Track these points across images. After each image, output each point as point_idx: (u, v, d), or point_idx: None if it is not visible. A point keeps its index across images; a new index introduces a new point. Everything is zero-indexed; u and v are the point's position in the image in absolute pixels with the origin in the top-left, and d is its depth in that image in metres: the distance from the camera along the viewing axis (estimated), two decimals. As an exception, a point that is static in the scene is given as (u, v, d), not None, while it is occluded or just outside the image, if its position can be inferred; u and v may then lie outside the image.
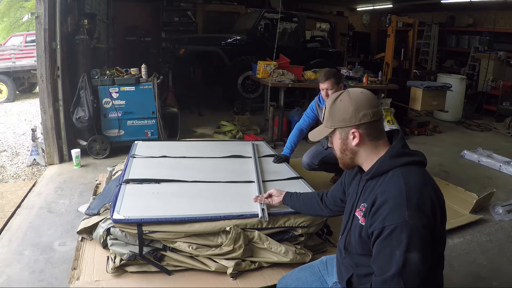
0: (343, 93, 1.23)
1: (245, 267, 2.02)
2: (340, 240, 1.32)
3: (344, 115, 1.19)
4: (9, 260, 2.17)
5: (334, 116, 1.22)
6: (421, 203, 1.03)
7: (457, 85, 6.15)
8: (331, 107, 1.23)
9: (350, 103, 1.19)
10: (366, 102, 1.19)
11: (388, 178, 1.12)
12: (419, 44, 8.98)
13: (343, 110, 1.20)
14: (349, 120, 1.18)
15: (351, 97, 1.20)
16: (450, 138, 5.64)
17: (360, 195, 1.23)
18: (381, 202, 1.07)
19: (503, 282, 2.25)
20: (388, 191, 1.08)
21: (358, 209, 1.20)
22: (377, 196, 1.10)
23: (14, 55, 7.86)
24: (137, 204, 2.07)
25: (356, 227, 1.18)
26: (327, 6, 10.46)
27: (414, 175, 1.10)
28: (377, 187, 1.13)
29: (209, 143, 3.55)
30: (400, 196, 1.04)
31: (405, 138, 1.24)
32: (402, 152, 1.17)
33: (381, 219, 1.05)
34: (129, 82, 3.98)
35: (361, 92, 1.22)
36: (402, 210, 1.02)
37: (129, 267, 1.97)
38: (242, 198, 2.23)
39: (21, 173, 3.73)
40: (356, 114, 1.17)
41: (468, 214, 2.99)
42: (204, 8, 8.42)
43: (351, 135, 1.19)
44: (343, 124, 1.20)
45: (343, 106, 1.20)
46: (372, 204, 1.10)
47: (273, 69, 4.90)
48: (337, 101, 1.22)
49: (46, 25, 3.49)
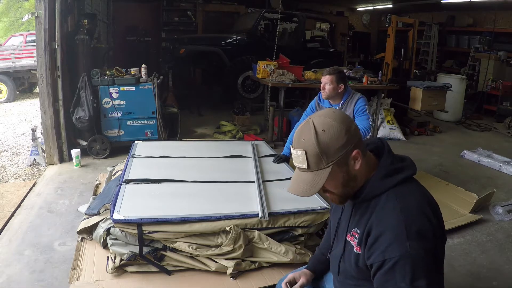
0: (317, 123, 1.03)
1: (245, 267, 2.02)
2: (333, 263, 1.22)
3: (339, 142, 1.01)
4: (9, 260, 2.17)
5: (328, 150, 1.01)
6: (421, 228, 0.97)
7: (457, 85, 6.15)
8: (317, 143, 1.00)
9: (337, 126, 1.01)
10: (346, 117, 1.06)
11: (381, 203, 1.03)
12: (419, 44, 8.97)
13: (335, 138, 1.01)
14: (347, 144, 1.02)
15: (331, 120, 1.03)
16: (450, 138, 5.64)
17: (350, 217, 1.13)
18: (378, 233, 0.99)
19: (503, 282, 2.24)
20: (384, 221, 1.00)
21: (350, 234, 1.11)
22: (372, 226, 1.02)
23: (14, 55, 7.86)
24: (137, 204, 2.07)
25: (351, 254, 1.10)
26: (327, 6, 10.46)
27: (409, 196, 1.02)
28: (370, 212, 1.05)
29: (209, 143, 3.55)
30: (398, 226, 0.97)
31: (390, 147, 1.12)
32: (393, 169, 1.06)
33: (380, 252, 0.98)
34: (129, 82, 3.98)
35: (333, 112, 1.07)
36: (402, 241, 0.95)
37: (129, 267, 1.97)
38: (242, 198, 2.24)
39: (21, 173, 3.73)
40: (350, 133, 1.02)
41: (468, 214, 2.98)
42: (204, 8, 8.42)
43: (352, 160, 1.04)
44: (342, 152, 1.02)
45: (332, 133, 1.01)
46: (368, 234, 1.03)
47: (273, 69, 4.90)
48: (319, 134, 1.01)
49: (46, 25, 3.49)
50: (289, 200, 2.23)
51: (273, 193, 2.33)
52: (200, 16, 8.41)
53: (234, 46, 6.58)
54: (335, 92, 2.83)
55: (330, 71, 2.84)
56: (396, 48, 6.17)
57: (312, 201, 2.23)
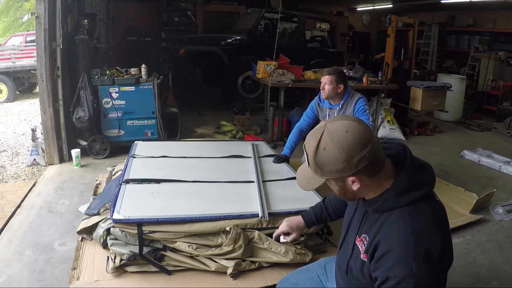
0: (324, 137, 1.00)
1: (245, 267, 2.02)
2: (341, 260, 1.23)
3: (334, 167, 1.00)
4: (9, 260, 2.17)
5: (323, 167, 1.02)
6: (430, 250, 0.95)
7: (457, 85, 6.15)
8: (315, 157, 1.02)
9: (337, 152, 0.98)
10: (356, 143, 0.98)
11: (393, 218, 1.01)
12: (419, 44, 8.97)
13: (331, 162, 1.00)
14: (342, 171, 1.00)
15: (335, 142, 0.99)
16: (450, 138, 5.64)
17: (361, 221, 1.13)
18: (386, 249, 0.98)
19: (503, 282, 2.25)
20: (393, 238, 0.98)
21: (359, 239, 1.11)
22: (380, 240, 1.01)
23: (14, 55, 7.86)
24: (137, 204, 2.07)
25: (358, 258, 1.10)
26: (327, 6, 10.46)
27: (422, 217, 1.00)
28: (380, 224, 1.04)
29: (209, 143, 3.55)
30: (407, 246, 0.95)
31: (412, 156, 1.07)
32: (410, 186, 1.02)
33: (385, 269, 0.97)
34: (129, 82, 3.98)
35: (346, 131, 0.99)
36: (409, 261, 0.94)
37: (129, 267, 1.97)
38: (242, 198, 2.24)
39: (21, 173, 3.73)
40: (349, 164, 0.98)
41: (468, 214, 2.98)
42: (204, 8, 8.42)
43: (349, 182, 1.03)
44: (336, 176, 1.02)
45: (330, 156, 0.99)
46: (375, 247, 1.02)
47: (273, 69, 4.90)
48: (319, 149, 1.00)
49: (46, 25, 3.49)
50: (289, 200, 2.24)
51: (273, 193, 2.33)
52: (200, 16, 8.41)
53: (234, 46, 6.57)
54: (335, 92, 2.83)
55: (330, 71, 2.84)
56: (396, 48, 6.17)
57: (312, 201, 2.22)
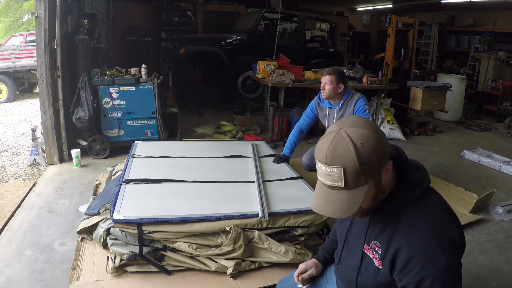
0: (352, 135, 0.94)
1: (245, 267, 2.02)
2: (345, 272, 1.19)
3: (378, 154, 0.95)
4: (9, 260, 2.17)
5: (369, 164, 0.93)
6: (451, 237, 0.97)
7: (457, 85, 6.15)
8: (358, 158, 0.92)
9: (373, 137, 0.94)
10: (373, 124, 1.01)
11: (405, 218, 1.00)
12: (419, 44, 8.97)
13: (375, 149, 0.94)
14: (384, 154, 0.96)
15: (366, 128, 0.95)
16: (450, 138, 5.64)
17: (368, 229, 1.10)
18: (410, 256, 0.96)
19: (503, 282, 2.24)
20: (414, 241, 0.96)
21: (369, 247, 1.07)
22: (402, 247, 0.98)
23: (14, 55, 7.86)
24: (137, 204, 2.07)
25: (370, 267, 1.06)
26: (327, 6, 10.46)
27: (433, 210, 1.01)
28: (393, 227, 1.02)
29: (209, 143, 3.55)
30: (431, 245, 0.95)
31: (405, 154, 1.09)
32: (414, 183, 1.03)
33: (416, 273, 0.95)
34: (129, 82, 3.98)
35: (361, 120, 1.00)
36: (437, 257, 0.93)
37: (129, 267, 1.97)
38: (242, 198, 2.24)
39: (21, 173, 3.73)
40: (385, 140, 0.97)
41: (468, 214, 2.99)
42: (204, 8, 8.42)
43: (384, 172, 0.98)
44: (380, 165, 0.96)
45: (371, 145, 0.93)
46: (395, 254, 0.99)
47: (273, 69, 4.90)
48: (358, 147, 0.92)
49: (46, 25, 3.49)
50: (289, 200, 2.24)
51: (273, 193, 2.33)
52: (200, 16, 8.41)
53: (234, 46, 6.58)
54: (335, 92, 2.83)
55: (330, 71, 2.84)
56: (396, 48, 6.17)
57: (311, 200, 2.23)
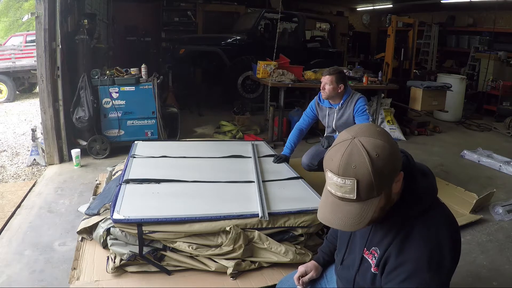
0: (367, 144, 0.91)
1: (245, 267, 2.02)
2: (345, 274, 1.20)
3: (393, 166, 0.92)
4: (9, 260, 2.17)
5: (383, 177, 0.91)
6: (442, 261, 0.95)
7: (457, 85, 6.15)
8: (373, 172, 0.89)
9: (388, 148, 0.91)
10: (385, 132, 0.97)
11: (406, 230, 0.99)
12: (419, 44, 8.97)
13: (390, 161, 0.91)
14: (397, 166, 0.94)
15: (379, 138, 0.92)
16: (450, 138, 5.64)
17: (370, 234, 1.09)
18: (399, 262, 0.97)
19: (503, 282, 2.24)
20: (408, 251, 0.97)
21: (369, 252, 1.08)
22: (392, 253, 0.99)
23: (14, 55, 7.86)
24: (137, 204, 2.07)
25: (368, 272, 1.08)
26: (327, 6, 10.46)
27: (435, 227, 0.98)
28: (393, 236, 1.01)
29: (209, 143, 3.55)
30: (421, 259, 0.94)
31: (413, 160, 1.07)
32: (423, 191, 1.01)
33: (398, 281, 0.97)
34: (129, 82, 3.97)
35: (375, 128, 0.96)
36: (422, 274, 0.93)
37: (129, 267, 1.97)
38: (242, 198, 2.24)
39: (21, 173, 3.73)
40: (398, 150, 0.95)
41: (468, 214, 2.98)
42: (204, 8, 8.42)
43: (395, 183, 0.96)
44: (394, 175, 0.94)
45: (386, 156, 0.90)
46: (387, 258, 1.01)
47: (273, 69, 4.89)
48: (373, 159, 0.89)
49: (46, 25, 3.49)
50: (289, 200, 2.24)
51: (273, 193, 2.33)
52: (200, 16, 8.42)
53: (234, 46, 6.57)
54: (335, 92, 2.83)
55: (330, 71, 2.85)
56: (396, 48, 6.16)
57: (312, 201, 2.23)
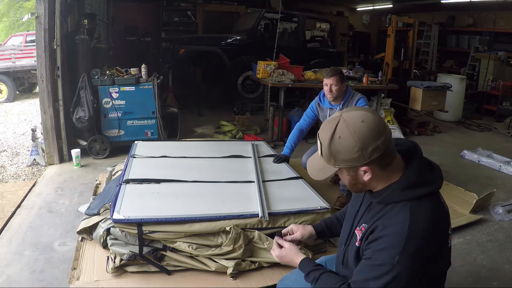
0: (340, 126, 1.02)
1: (245, 267, 2.02)
2: (339, 252, 1.26)
3: (348, 155, 1.02)
4: (9, 260, 2.17)
5: (336, 156, 1.04)
6: (419, 250, 0.97)
7: (457, 85, 6.15)
8: (329, 145, 1.04)
9: (352, 141, 1.00)
10: (371, 133, 1.00)
11: (395, 210, 1.03)
12: (419, 44, 8.97)
13: (346, 150, 1.02)
14: (356, 160, 1.02)
15: (352, 131, 1.00)
16: (450, 138, 5.64)
17: (364, 213, 1.16)
18: (379, 235, 1.02)
19: (503, 282, 2.24)
20: (389, 227, 1.01)
21: (359, 228, 1.14)
22: (377, 226, 1.04)
23: (14, 55, 7.87)
24: (137, 204, 2.07)
25: (353, 247, 1.13)
26: (327, 6, 10.46)
27: (423, 215, 1.00)
28: (381, 215, 1.06)
29: (209, 143, 3.55)
30: (398, 238, 0.97)
31: (422, 154, 1.11)
32: (417, 182, 1.04)
33: (371, 251, 1.02)
34: (129, 82, 3.97)
35: (362, 121, 1.01)
36: (393, 253, 0.97)
37: (129, 267, 1.97)
38: (242, 198, 2.24)
39: (21, 173, 3.73)
40: (364, 152, 1.00)
41: (468, 214, 2.99)
42: (204, 8, 8.42)
43: (361, 172, 1.05)
44: (350, 164, 1.04)
45: (345, 145, 1.01)
46: (371, 232, 1.05)
47: (273, 69, 4.90)
48: (335, 138, 1.03)
49: (46, 25, 3.49)
50: (289, 200, 2.24)
51: (273, 193, 2.33)
52: (200, 16, 8.42)
53: (234, 46, 6.57)
54: (341, 91, 2.83)
55: (333, 72, 2.82)
56: (396, 48, 6.16)
57: (312, 201, 2.23)
